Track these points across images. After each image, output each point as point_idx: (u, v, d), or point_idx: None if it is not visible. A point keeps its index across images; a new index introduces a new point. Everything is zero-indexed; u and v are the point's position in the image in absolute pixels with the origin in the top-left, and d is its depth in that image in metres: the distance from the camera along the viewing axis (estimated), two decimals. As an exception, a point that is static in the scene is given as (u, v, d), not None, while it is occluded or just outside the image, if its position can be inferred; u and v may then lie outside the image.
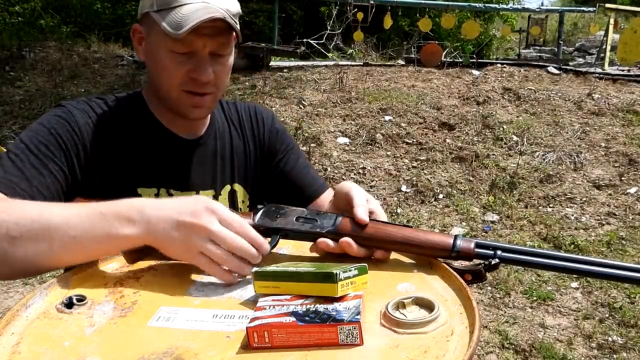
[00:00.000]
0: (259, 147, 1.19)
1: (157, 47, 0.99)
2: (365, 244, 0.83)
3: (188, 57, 0.98)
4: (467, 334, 0.63)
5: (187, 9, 0.94)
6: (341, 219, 0.85)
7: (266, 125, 1.21)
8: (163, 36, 0.96)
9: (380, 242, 0.83)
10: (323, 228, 0.84)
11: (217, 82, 1.02)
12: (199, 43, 0.97)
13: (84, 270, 0.81)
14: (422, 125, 5.77)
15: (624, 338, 2.77)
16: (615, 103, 6.26)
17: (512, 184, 4.66)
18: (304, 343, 0.61)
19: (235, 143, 1.16)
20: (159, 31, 0.96)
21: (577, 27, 14.31)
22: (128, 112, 1.08)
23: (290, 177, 1.18)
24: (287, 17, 11.02)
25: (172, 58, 0.98)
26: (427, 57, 8.10)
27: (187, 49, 0.97)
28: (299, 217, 0.87)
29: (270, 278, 0.71)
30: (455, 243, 0.81)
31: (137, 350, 0.62)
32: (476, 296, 3.09)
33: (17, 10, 9.19)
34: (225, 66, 1.03)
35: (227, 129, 1.17)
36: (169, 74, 0.99)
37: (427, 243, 0.82)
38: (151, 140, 1.07)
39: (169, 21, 0.94)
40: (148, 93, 1.10)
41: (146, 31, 1.02)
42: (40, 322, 0.69)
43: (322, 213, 0.87)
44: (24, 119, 6.01)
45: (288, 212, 0.88)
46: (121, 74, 7.46)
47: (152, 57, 1.02)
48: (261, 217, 0.88)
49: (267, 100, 6.24)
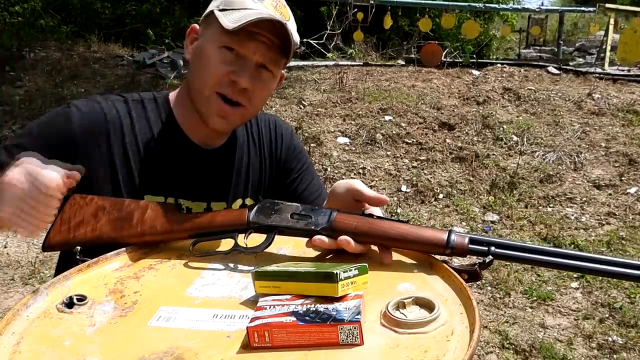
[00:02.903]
0: (275, 163, 1.19)
1: (209, 43, 0.98)
2: (360, 239, 0.83)
3: (236, 59, 0.97)
4: (467, 334, 0.63)
5: (252, 12, 0.94)
6: (335, 215, 0.85)
7: (285, 141, 1.20)
8: (219, 33, 0.96)
9: (375, 238, 0.83)
10: (318, 225, 0.84)
11: (251, 97, 1.00)
12: (251, 47, 0.96)
13: (84, 270, 0.81)
14: (422, 125, 5.76)
15: (624, 338, 2.77)
16: (615, 103, 6.25)
17: (512, 184, 4.66)
18: (304, 343, 0.61)
19: (252, 158, 1.16)
20: (216, 28, 0.96)
21: (577, 27, 14.30)
22: (149, 114, 1.06)
23: (302, 198, 1.18)
24: (287, 17, 11.00)
25: (220, 55, 0.97)
26: (427, 57, 8.09)
27: (238, 48, 0.96)
28: (294, 213, 0.87)
29: (270, 278, 0.71)
30: (449, 239, 0.81)
31: (137, 350, 0.62)
32: (476, 296, 3.09)
33: (17, 10, 9.18)
34: (266, 84, 1.01)
35: (247, 142, 1.16)
36: (210, 69, 0.98)
37: (421, 239, 0.82)
38: (167, 146, 1.06)
39: (230, 17, 0.94)
40: (178, 96, 1.09)
41: (203, 30, 1.02)
42: (41, 322, 0.69)
43: (316, 209, 0.87)
44: (24, 119, 6.00)
45: (283, 208, 0.88)
46: (121, 74, 7.46)
47: (199, 53, 1.00)
48: (256, 213, 0.88)
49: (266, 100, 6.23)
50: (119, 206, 0.91)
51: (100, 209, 0.91)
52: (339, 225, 0.84)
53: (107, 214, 0.90)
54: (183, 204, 1.06)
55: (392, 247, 0.84)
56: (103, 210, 0.91)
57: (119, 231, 0.89)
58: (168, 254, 0.89)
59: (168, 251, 0.90)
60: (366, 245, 0.84)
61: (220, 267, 0.84)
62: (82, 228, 0.90)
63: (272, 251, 0.88)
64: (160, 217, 0.90)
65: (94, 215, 0.90)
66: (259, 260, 0.86)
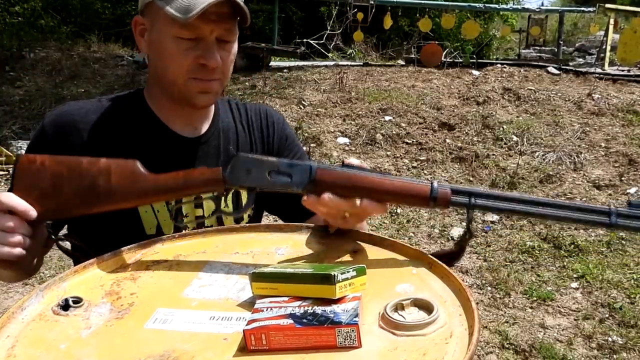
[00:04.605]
0: (266, 150, 1.17)
1: (162, 36, 0.97)
2: (344, 193, 0.82)
3: (195, 44, 0.97)
4: (467, 336, 0.62)
5: None
6: (316, 169, 0.83)
7: (277, 129, 1.19)
8: (169, 23, 0.95)
9: (359, 190, 0.82)
10: (299, 184, 0.83)
11: (223, 69, 1.01)
12: (205, 28, 0.95)
13: (80, 271, 0.81)
14: (422, 126, 5.76)
15: (624, 338, 2.76)
16: (615, 103, 6.25)
17: (512, 184, 4.66)
18: (301, 346, 0.61)
19: (241, 141, 1.14)
20: (164, 19, 0.95)
21: (577, 27, 14.29)
22: (125, 109, 1.06)
23: None
24: (287, 17, 11.01)
25: (178, 45, 0.96)
26: (427, 57, 8.09)
27: (194, 35, 0.96)
28: (271, 171, 0.84)
29: (268, 279, 0.71)
30: (432, 189, 0.81)
31: (133, 353, 0.62)
32: (476, 296, 3.08)
33: (17, 10, 9.19)
34: (230, 53, 1.02)
35: (234, 127, 1.15)
36: (175, 62, 0.98)
37: (406, 190, 0.81)
38: (149, 138, 1.05)
39: (176, 7, 0.93)
40: (148, 90, 1.09)
41: (149, 21, 1.00)
42: (36, 325, 0.68)
43: (295, 165, 0.84)
44: (24, 119, 6.00)
45: (257, 164, 0.85)
46: (121, 74, 7.46)
47: (156, 47, 1.00)
48: (230, 173, 0.85)
49: (267, 100, 6.23)
50: (78, 171, 0.86)
51: (57, 176, 0.86)
52: (321, 180, 0.82)
53: (67, 184, 0.86)
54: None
55: (378, 200, 0.82)
56: (61, 178, 0.86)
57: (88, 205, 0.86)
58: (165, 254, 0.89)
59: (165, 251, 0.90)
60: (351, 200, 0.82)
61: (217, 268, 0.83)
62: (46, 202, 0.85)
63: (269, 251, 0.88)
64: (129, 181, 0.86)
65: (53, 186, 0.86)
66: (256, 260, 0.85)
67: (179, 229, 1.02)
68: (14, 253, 0.81)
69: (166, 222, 1.04)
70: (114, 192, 0.86)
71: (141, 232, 1.03)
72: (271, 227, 0.96)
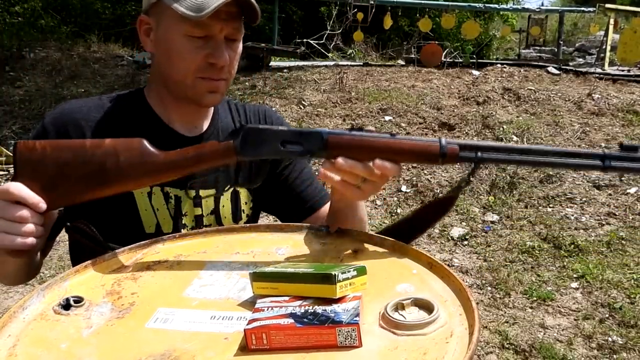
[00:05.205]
0: None
1: (171, 34, 0.97)
2: (357, 156, 0.82)
3: (204, 42, 0.97)
4: (467, 335, 0.62)
5: None
6: (328, 135, 0.83)
7: None
8: (178, 22, 0.95)
9: (373, 151, 0.82)
10: (312, 152, 0.84)
11: (229, 68, 1.01)
12: (216, 27, 0.96)
13: (81, 271, 0.81)
14: (422, 125, 5.76)
15: (624, 338, 2.76)
16: (615, 103, 6.25)
17: (512, 184, 4.65)
18: (302, 345, 0.61)
19: None
20: (173, 17, 0.95)
21: (577, 27, 14.29)
22: (126, 107, 1.07)
23: (293, 187, 1.17)
24: (287, 17, 11.02)
25: (189, 43, 0.96)
26: (427, 57, 8.09)
27: (204, 33, 0.96)
28: (282, 140, 0.84)
29: (268, 279, 0.71)
30: (441, 146, 0.83)
31: (134, 352, 0.62)
32: (476, 296, 3.08)
33: (17, 10, 9.19)
34: (237, 52, 1.03)
35: (233, 126, 1.14)
36: (184, 61, 0.98)
37: (417, 148, 0.83)
38: (150, 136, 1.05)
39: (187, 5, 0.93)
40: (149, 89, 1.09)
41: (156, 20, 1.00)
42: (37, 324, 0.68)
43: (305, 133, 0.84)
44: (24, 119, 6.01)
45: (267, 135, 0.84)
46: (121, 74, 7.46)
47: (163, 46, 1.00)
48: (241, 146, 0.84)
49: (267, 100, 6.24)
50: (83, 157, 0.84)
51: (62, 161, 0.83)
52: (334, 143, 0.83)
53: (74, 169, 0.83)
54: (171, 193, 1.05)
55: (390, 160, 0.82)
56: (67, 164, 0.83)
57: (97, 188, 0.84)
58: (166, 254, 0.89)
59: (166, 251, 0.90)
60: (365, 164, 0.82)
61: (218, 268, 0.84)
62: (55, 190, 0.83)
63: (270, 251, 0.88)
64: (138, 159, 0.85)
65: (61, 172, 0.83)
66: (257, 260, 0.85)
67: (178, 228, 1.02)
68: (27, 243, 0.80)
69: (165, 220, 1.04)
70: (124, 172, 0.84)
71: (141, 230, 1.03)
72: (272, 227, 0.96)
